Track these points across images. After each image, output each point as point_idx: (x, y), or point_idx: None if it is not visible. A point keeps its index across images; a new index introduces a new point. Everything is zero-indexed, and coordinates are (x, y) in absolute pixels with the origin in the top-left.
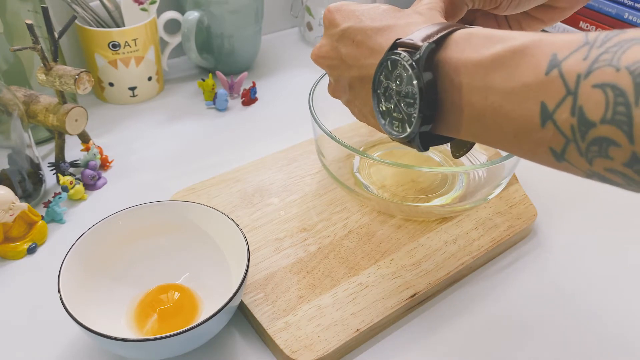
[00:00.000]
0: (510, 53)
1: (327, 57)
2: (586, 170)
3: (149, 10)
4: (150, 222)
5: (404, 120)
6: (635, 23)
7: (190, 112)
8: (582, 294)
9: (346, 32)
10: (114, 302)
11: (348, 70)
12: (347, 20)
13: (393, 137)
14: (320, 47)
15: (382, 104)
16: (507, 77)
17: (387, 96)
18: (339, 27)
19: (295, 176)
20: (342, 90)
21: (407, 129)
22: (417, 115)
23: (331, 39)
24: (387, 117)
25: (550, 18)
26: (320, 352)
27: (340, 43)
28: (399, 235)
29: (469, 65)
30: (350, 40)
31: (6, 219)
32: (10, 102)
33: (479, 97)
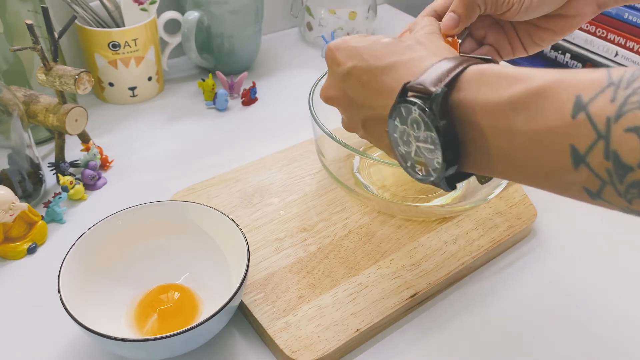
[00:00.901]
0: (531, 95)
1: (335, 99)
2: (624, 207)
3: (149, 10)
4: (150, 222)
5: (427, 164)
6: (635, 23)
7: (190, 112)
8: (581, 294)
9: (351, 72)
10: (114, 302)
11: (359, 111)
12: (350, 59)
13: (418, 180)
14: (328, 88)
15: (400, 147)
16: (531, 120)
17: (405, 141)
18: (343, 67)
19: (295, 176)
20: (355, 127)
21: (431, 173)
22: (440, 161)
23: (337, 80)
24: (409, 160)
25: (561, 28)
26: (320, 352)
27: (346, 84)
28: (399, 235)
29: (487, 107)
30: (356, 80)
31: (6, 219)
32: (10, 102)
33: (504, 139)
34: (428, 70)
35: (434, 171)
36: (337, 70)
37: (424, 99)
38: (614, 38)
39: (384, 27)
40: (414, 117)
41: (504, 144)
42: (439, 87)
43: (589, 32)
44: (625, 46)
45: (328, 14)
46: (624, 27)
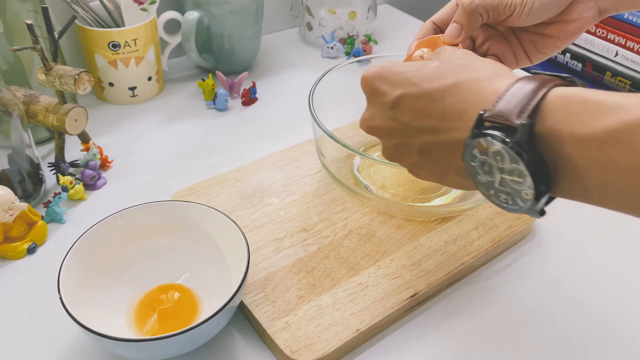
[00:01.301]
0: (629, 127)
1: (383, 128)
2: None
3: (149, 10)
4: (150, 222)
5: (514, 194)
6: (635, 23)
7: (190, 112)
8: (582, 294)
9: (402, 100)
10: (114, 302)
11: (417, 137)
12: (397, 86)
13: (503, 209)
14: (371, 118)
15: (480, 176)
16: (631, 153)
17: (487, 171)
18: (390, 96)
19: (295, 176)
20: (406, 155)
21: (519, 203)
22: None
23: (382, 108)
24: (491, 189)
25: (564, 34)
26: (320, 352)
27: (396, 112)
28: (399, 235)
29: (578, 138)
30: (410, 107)
31: (6, 219)
32: (10, 102)
33: (599, 171)
34: (504, 96)
35: (523, 202)
36: (383, 99)
37: (506, 131)
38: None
39: (384, 27)
40: (497, 149)
41: (599, 175)
42: (523, 119)
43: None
44: (625, 46)
45: (328, 14)
46: (624, 27)
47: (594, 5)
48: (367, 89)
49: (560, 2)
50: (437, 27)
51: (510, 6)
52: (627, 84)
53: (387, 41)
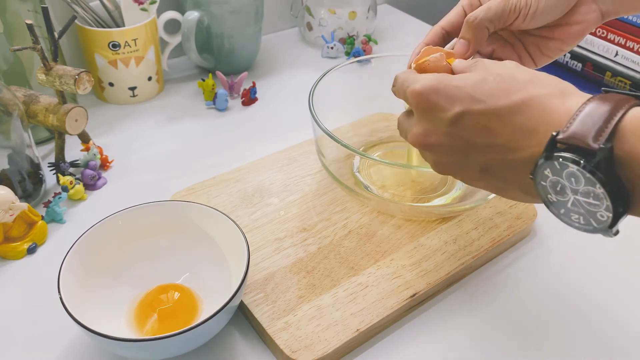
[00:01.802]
0: None
1: (442, 145)
2: None
3: (149, 10)
4: (150, 222)
5: (587, 215)
6: (635, 23)
7: (190, 112)
8: (582, 294)
9: (464, 117)
10: (114, 302)
11: (481, 155)
12: (457, 102)
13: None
14: (426, 134)
15: (550, 195)
16: None
17: (559, 191)
18: (450, 112)
19: (295, 176)
20: (465, 171)
21: (593, 223)
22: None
23: (439, 124)
24: (562, 208)
25: (568, 37)
26: (320, 352)
27: (457, 128)
28: (399, 235)
29: None
30: (474, 124)
31: (6, 219)
32: (10, 102)
33: None
34: (579, 117)
35: (598, 222)
36: (440, 115)
37: (583, 154)
38: (614, 38)
39: (384, 27)
40: (572, 171)
41: None
42: (601, 143)
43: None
44: (625, 46)
45: (328, 14)
46: (624, 27)
47: (596, 8)
48: (421, 103)
49: (564, 4)
50: (446, 32)
51: (515, 10)
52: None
53: (387, 41)
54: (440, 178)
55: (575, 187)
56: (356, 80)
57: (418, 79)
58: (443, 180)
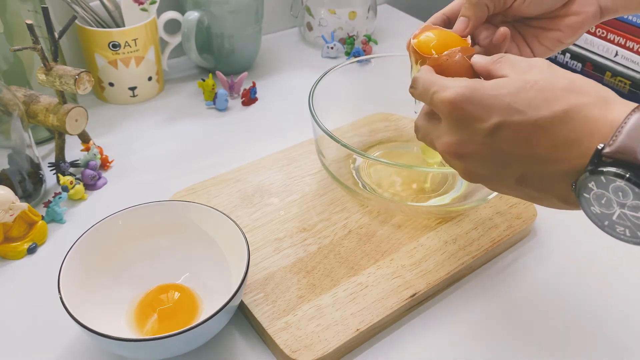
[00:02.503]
0: None
1: (477, 155)
2: None
3: (149, 10)
4: (150, 222)
5: (634, 228)
6: (635, 23)
7: (190, 112)
8: (581, 294)
9: (502, 128)
10: (114, 302)
11: (519, 167)
12: (494, 112)
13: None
14: (460, 144)
15: (594, 207)
16: None
17: (604, 204)
18: (487, 122)
19: (295, 176)
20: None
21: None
22: None
23: (475, 135)
24: (606, 220)
25: (567, 28)
26: (320, 352)
27: (495, 139)
28: (399, 235)
29: None
30: (513, 135)
31: (6, 219)
32: (11, 102)
33: None
34: (624, 129)
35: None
36: (477, 126)
37: (631, 169)
38: (614, 38)
39: (384, 27)
40: (619, 185)
41: None
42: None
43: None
44: (625, 46)
45: (328, 14)
46: (624, 27)
47: (595, 2)
48: (454, 112)
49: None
50: (447, 17)
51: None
52: (627, 84)
53: (387, 41)
54: (441, 178)
55: (622, 201)
56: (356, 80)
57: (447, 85)
58: (443, 180)
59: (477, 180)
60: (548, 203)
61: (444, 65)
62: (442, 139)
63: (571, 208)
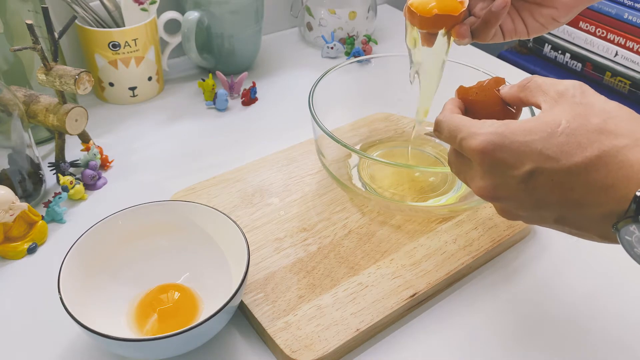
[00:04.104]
0: None
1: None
2: None
3: (149, 10)
4: (150, 222)
5: None
6: (635, 23)
7: (190, 112)
8: (581, 293)
9: (535, 175)
10: (114, 302)
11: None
12: (527, 159)
13: None
14: (495, 188)
15: (637, 248)
16: None
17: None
18: (520, 170)
19: (295, 176)
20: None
21: None
22: None
23: (510, 181)
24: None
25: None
26: (320, 352)
27: (528, 185)
28: (399, 235)
29: None
30: (547, 181)
31: (6, 219)
32: (11, 102)
33: None
34: None
35: None
36: (510, 172)
37: None
38: (613, 38)
39: (384, 27)
40: None
41: None
42: None
43: (589, 32)
44: (625, 46)
45: (328, 14)
46: (624, 27)
47: None
48: (486, 161)
49: None
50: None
51: None
52: (627, 84)
53: (387, 41)
54: (440, 178)
55: None
56: (356, 80)
57: (475, 132)
58: (443, 180)
59: (516, 218)
60: (588, 238)
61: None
62: (476, 182)
63: (612, 243)
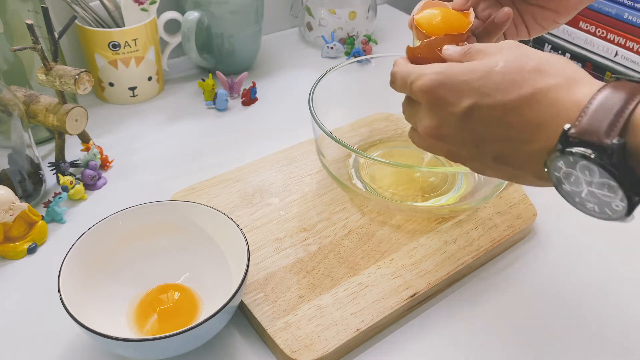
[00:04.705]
0: None
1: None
2: None
3: (149, 10)
4: (150, 222)
5: (602, 205)
6: (635, 23)
7: (190, 112)
8: (582, 293)
9: (474, 111)
10: (114, 302)
11: (493, 146)
12: (465, 95)
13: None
14: (437, 127)
15: (565, 185)
16: None
17: (573, 182)
18: (459, 106)
19: (295, 176)
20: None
21: (608, 212)
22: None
23: (450, 118)
24: (577, 197)
25: (564, 9)
26: (320, 352)
27: (468, 122)
28: (399, 235)
29: None
30: (484, 117)
31: (6, 219)
32: (11, 102)
33: None
34: (589, 110)
35: (613, 212)
36: (450, 109)
37: (595, 149)
38: (613, 38)
39: (384, 27)
40: (585, 164)
41: None
42: (614, 138)
43: (589, 32)
44: (625, 46)
45: (328, 14)
46: (624, 27)
47: None
48: (430, 99)
49: None
50: None
51: None
52: None
53: (387, 41)
54: (440, 178)
55: (589, 179)
56: (356, 80)
57: (421, 73)
58: (443, 180)
59: (459, 160)
60: (525, 181)
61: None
62: (424, 122)
63: (547, 185)
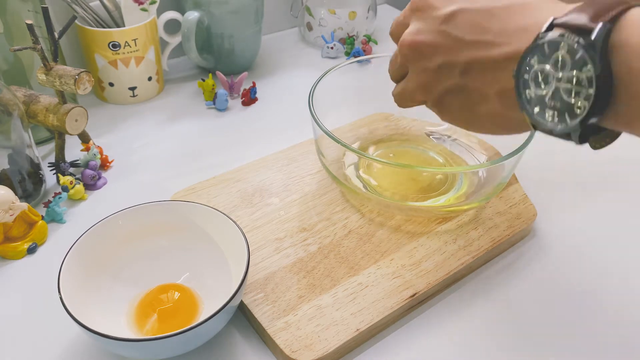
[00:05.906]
0: None
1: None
2: None
3: (149, 11)
4: (150, 222)
5: (563, 110)
6: None
7: (190, 112)
8: (582, 293)
9: (458, 14)
10: (114, 302)
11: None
12: (450, 1)
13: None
14: (417, 32)
15: (530, 89)
16: None
17: (540, 82)
18: (444, 10)
19: (295, 176)
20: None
21: (566, 119)
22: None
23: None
24: (538, 105)
25: None
26: (320, 352)
27: (448, 26)
28: (399, 235)
29: None
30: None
31: (6, 219)
32: (10, 102)
33: None
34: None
35: (572, 117)
36: (433, 13)
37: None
38: None
39: (384, 27)
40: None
41: None
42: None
43: None
44: None
45: (328, 14)
46: None
47: None
48: (419, 5)
49: None
50: None
51: None
52: None
53: (387, 41)
54: (440, 177)
55: (560, 74)
56: (356, 80)
57: None
58: (443, 179)
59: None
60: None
61: None
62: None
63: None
